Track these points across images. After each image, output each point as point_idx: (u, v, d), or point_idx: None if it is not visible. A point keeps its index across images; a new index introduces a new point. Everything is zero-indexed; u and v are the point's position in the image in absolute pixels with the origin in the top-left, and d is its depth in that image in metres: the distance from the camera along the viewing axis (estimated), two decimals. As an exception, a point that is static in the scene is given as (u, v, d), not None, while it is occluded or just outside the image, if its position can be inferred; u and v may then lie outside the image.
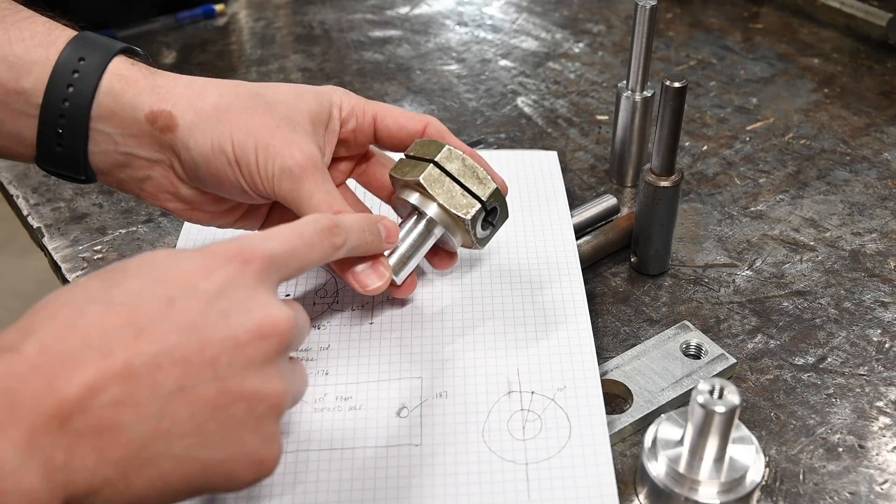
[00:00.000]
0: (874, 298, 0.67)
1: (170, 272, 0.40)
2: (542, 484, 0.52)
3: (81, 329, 0.37)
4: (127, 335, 0.37)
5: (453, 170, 0.56)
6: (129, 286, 0.39)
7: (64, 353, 0.37)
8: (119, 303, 0.38)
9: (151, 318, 0.38)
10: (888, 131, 0.88)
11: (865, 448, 0.56)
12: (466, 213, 0.56)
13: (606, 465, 0.52)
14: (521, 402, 0.56)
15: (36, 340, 0.37)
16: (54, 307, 0.39)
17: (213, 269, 0.41)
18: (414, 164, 0.57)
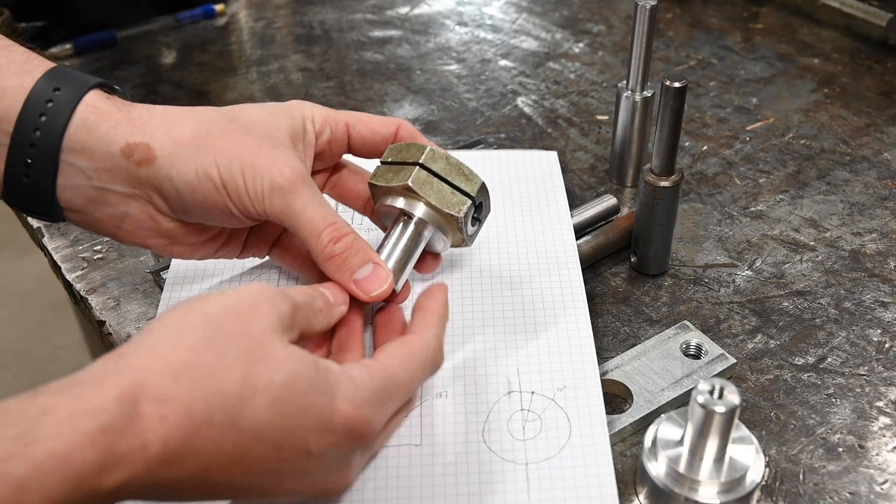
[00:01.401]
0: (874, 298, 0.67)
1: (301, 414, 0.43)
2: (542, 484, 0.52)
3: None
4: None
5: (439, 169, 0.55)
6: (255, 418, 0.41)
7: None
8: (241, 428, 0.41)
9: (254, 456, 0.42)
10: (888, 131, 0.88)
11: (865, 448, 0.56)
12: (459, 210, 0.56)
13: (606, 465, 0.52)
14: (521, 402, 0.56)
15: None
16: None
17: (329, 434, 0.44)
18: (397, 169, 0.56)
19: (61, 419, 0.36)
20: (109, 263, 0.72)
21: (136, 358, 0.40)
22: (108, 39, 1.06)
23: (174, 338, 0.41)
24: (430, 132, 0.89)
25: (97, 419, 0.37)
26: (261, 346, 0.43)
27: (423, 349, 0.49)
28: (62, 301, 1.86)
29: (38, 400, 0.37)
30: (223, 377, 0.41)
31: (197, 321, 0.42)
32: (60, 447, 0.36)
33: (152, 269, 0.69)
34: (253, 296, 0.45)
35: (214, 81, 0.99)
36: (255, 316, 0.44)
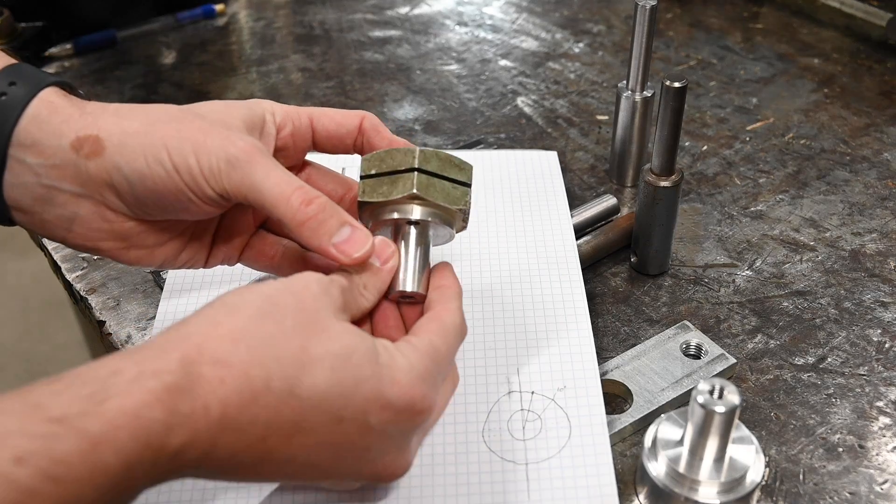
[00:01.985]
0: (874, 298, 0.67)
1: (359, 385, 0.43)
2: (543, 484, 0.52)
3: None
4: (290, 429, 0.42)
5: (435, 168, 0.54)
6: (313, 387, 0.42)
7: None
8: (299, 397, 0.42)
9: (316, 433, 0.43)
10: (888, 131, 0.88)
11: (865, 448, 0.56)
12: (465, 203, 0.55)
13: (606, 465, 0.52)
14: (521, 401, 0.56)
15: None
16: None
17: (389, 410, 0.44)
18: (390, 180, 0.54)
19: (129, 378, 0.38)
20: (109, 263, 0.72)
21: (196, 327, 0.41)
22: (108, 39, 1.06)
23: (233, 310, 0.42)
24: (430, 132, 0.89)
25: (162, 379, 0.38)
26: (316, 321, 0.44)
27: (452, 322, 0.50)
28: (62, 301, 1.86)
29: (107, 363, 0.39)
30: (281, 346, 0.42)
31: (254, 298, 0.43)
32: (129, 404, 0.37)
33: (152, 269, 0.69)
34: (304, 279, 0.46)
35: (214, 81, 0.99)
36: (309, 295, 0.45)
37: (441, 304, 0.51)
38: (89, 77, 1.00)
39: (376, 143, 0.56)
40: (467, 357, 0.59)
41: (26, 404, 0.36)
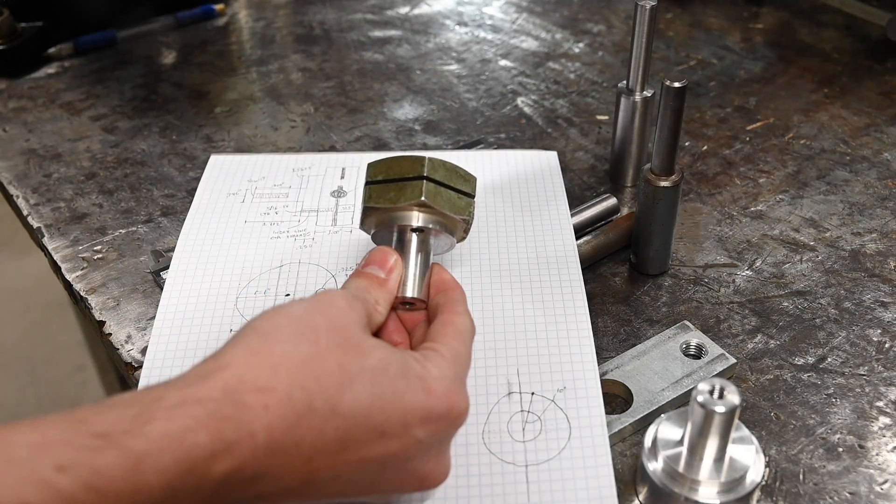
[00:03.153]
0: (874, 298, 0.67)
1: (394, 406, 0.43)
2: (542, 486, 0.52)
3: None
4: (336, 445, 0.42)
5: (442, 177, 0.55)
6: (355, 403, 0.42)
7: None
8: (342, 415, 0.42)
9: (358, 444, 0.43)
10: (888, 131, 0.88)
11: (865, 448, 0.56)
12: (469, 214, 0.56)
13: (606, 466, 0.52)
14: (520, 403, 0.56)
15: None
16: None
17: (431, 420, 0.45)
18: (397, 186, 0.55)
19: (173, 404, 0.38)
20: (109, 263, 0.72)
21: (234, 357, 0.41)
22: (108, 39, 1.06)
23: (266, 337, 0.43)
24: (430, 132, 0.89)
25: (206, 406, 0.38)
26: (349, 337, 0.44)
27: (465, 325, 0.51)
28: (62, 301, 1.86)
29: (149, 391, 0.39)
30: (319, 366, 0.42)
31: (286, 322, 0.44)
32: (173, 428, 0.37)
33: (152, 270, 0.69)
34: (329, 296, 0.47)
35: (214, 81, 0.99)
36: (337, 313, 0.45)
37: (449, 308, 0.52)
38: (89, 77, 1.00)
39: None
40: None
41: (71, 419, 0.37)
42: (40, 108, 0.94)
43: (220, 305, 0.63)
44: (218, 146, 0.87)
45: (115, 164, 0.84)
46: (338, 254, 0.68)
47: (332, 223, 0.71)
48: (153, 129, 0.90)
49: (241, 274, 0.66)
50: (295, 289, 0.65)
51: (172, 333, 0.61)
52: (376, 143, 0.87)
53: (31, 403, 1.93)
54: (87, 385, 1.94)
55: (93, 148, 0.87)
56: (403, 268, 0.54)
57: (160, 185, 0.81)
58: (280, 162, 0.80)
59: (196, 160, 0.84)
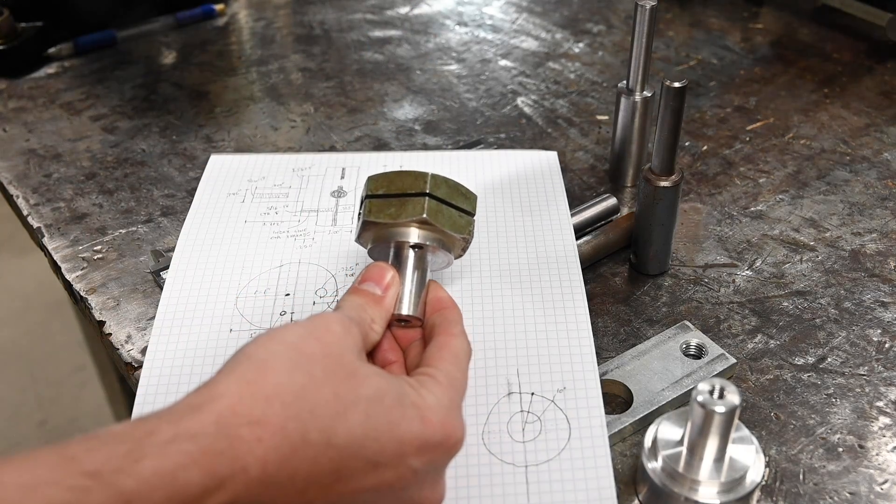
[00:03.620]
0: (874, 298, 0.67)
1: (389, 436, 0.43)
2: (542, 487, 0.51)
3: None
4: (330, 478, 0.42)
5: (443, 195, 0.55)
6: (349, 434, 0.42)
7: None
8: (336, 445, 0.41)
9: (352, 474, 0.42)
10: (888, 131, 0.88)
11: (865, 448, 0.56)
12: (469, 233, 0.56)
13: (605, 467, 0.52)
14: (520, 403, 0.56)
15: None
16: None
17: (426, 450, 0.44)
18: (398, 202, 0.54)
19: (165, 440, 0.38)
20: (109, 263, 0.72)
21: (227, 387, 0.41)
22: (108, 39, 1.06)
23: (261, 366, 0.42)
24: (430, 132, 0.89)
25: (199, 442, 0.38)
26: (344, 365, 0.44)
27: (461, 347, 0.51)
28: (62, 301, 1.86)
29: (143, 424, 0.38)
30: (314, 397, 0.41)
31: (279, 349, 0.43)
32: (165, 465, 0.37)
33: (152, 270, 0.69)
34: (325, 321, 0.46)
35: (214, 81, 0.99)
36: (333, 339, 0.45)
37: (445, 329, 0.52)
38: (89, 77, 1.00)
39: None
40: (467, 357, 0.59)
41: (62, 457, 0.36)
42: (40, 108, 0.94)
43: (220, 305, 0.63)
44: (218, 146, 0.87)
45: (115, 164, 0.84)
46: (338, 254, 0.68)
47: (332, 223, 0.71)
48: (153, 129, 0.90)
49: (241, 274, 0.66)
50: (295, 289, 0.65)
51: (172, 333, 0.61)
52: (376, 144, 0.87)
53: (31, 403, 1.93)
54: (87, 385, 1.94)
55: (93, 148, 0.87)
56: (400, 285, 0.54)
57: (160, 185, 0.81)
58: (280, 162, 0.80)
59: (196, 160, 0.84)
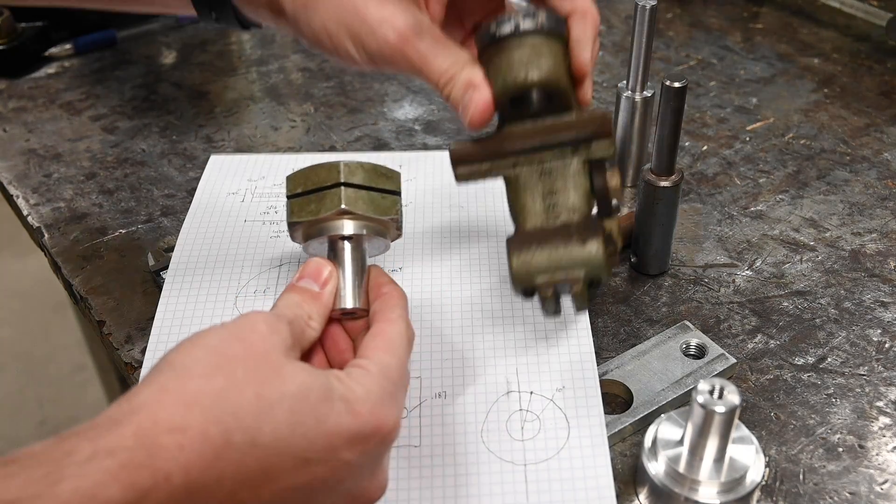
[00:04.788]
0: (874, 298, 0.67)
1: (320, 422, 0.42)
2: (541, 486, 0.52)
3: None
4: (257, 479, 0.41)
5: (361, 180, 0.53)
6: (275, 433, 0.41)
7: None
8: (262, 445, 0.41)
9: (281, 469, 0.42)
10: (888, 131, 0.88)
11: (865, 448, 0.56)
12: (396, 213, 0.54)
13: (605, 467, 0.52)
14: (519, 402, 0.56)
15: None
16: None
17: (358, 441, 0.43)
18: (316, 197, 0.53)
19: (84, 458, 0.37)
20: (109, 263, 0.72)
21: (147, 396, 0.40)
22: (108, 39, 1.06)
23: (181, 373, 0.41)
24: (430, 132, 0.89)
25: (117, 457, 0.37)
26: (267, 363, 0.43)
27: (398, 333, 0.49)
28: (62, 301, 1.86)
29: (62, 443, 0.38)
30: (236, 398, 0.41)
31: (200, 354, 0.42)
32: (84, 485, 0.36)
33: (152, 269, 0.69)
34: (251, 320, 0.45)
35: (214, 81, 0.99)
36: (257, 338, 0.44)
37: (382, 316, 0.50)
38: (89, 77, 1.00)
39: (558, 6, 0.53)
40: (466, 357, 0.59)
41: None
42: (40, 108, 0.94)
43: (219, 305, 0.63)
44: (218, 146, 0.87)
45: (115, 164, 0.84)
46: (338, 254, 0.68)
47: (331, 223, 0.71)
48: (153, 129, 0.90)
49: (241, 273, 0.66)
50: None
51: (172, 333, 0.61)
52: (376, 143, 0.87)
53: (31, 403, 1.93)
54: (87, 385, 1.94)
55: (93, 148, 0.87)
56: (339, 278, 0.52)
57: (160, 185, 0.81)
58: (280, 162, 0.80)
59: (196, 160, 0.84)
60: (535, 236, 0.52)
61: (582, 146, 0.52)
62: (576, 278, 0.51)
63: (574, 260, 0.51)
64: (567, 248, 0.51)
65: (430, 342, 0.60)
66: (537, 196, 0.53)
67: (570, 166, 0.53)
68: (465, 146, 0.54)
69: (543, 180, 0.53)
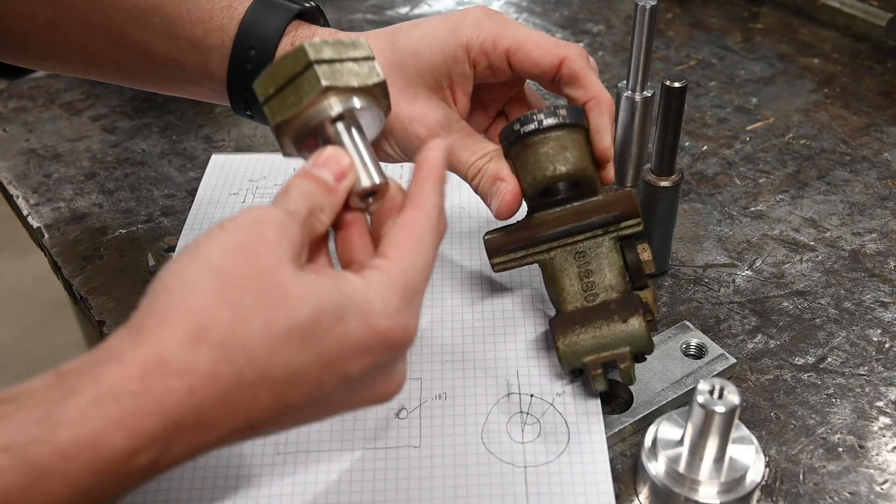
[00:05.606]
0: (874, 298, 0.67)
1: (333, 344, 0.40)
2: (541, 488, 0.51)
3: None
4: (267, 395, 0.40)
5: (331, 55, 0.48)
6: (287, 366, 0.39)
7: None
8: (274, 379, 0.39)
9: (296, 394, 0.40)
10: (888, 131, 0.88)
11: (865, 448, 0.56)
12: (378, 75, 0.50)
13: (604, 473, 0.52)
14: (520, 404, 0.56)
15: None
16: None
17: (372, 352, 0.41)
18: (293, 89, 0.48)
19: (86, 403, 0.35)
20: (109, 263, 0.72)
21: (150, 331, 0.38)
22: (108, 39, 1.05)
23: (182, 302, 0.38)
24: (430, 132, 0.88)
25: (123, 403, 0.35)
26: (276, 285, 0.39)
27: (426, 225, 0.45)
28: (62, 301, 1.86)
29: (62, 382, 0.36)
30: (244, 333, 0.38)
31: (201, 276, 0.39)
32: (85, 433, 0.35)
33: (152, 269, 0.69)
34: (258, 223, 0.41)
35: (214, 81, 0.99)
36: (264, 248, 0.40)
37: (414, 201, 0.46)
38: (89, 77, 1.00)
39: (574, 96, 0.56)
40: (468, 358, 0.59)
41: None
42: (40, 108, 0.94)
43: (220, 305, 0.63)
44: (218, 146, 0.87)
45: (115, 164, 0.84)
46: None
47: (332, 223, 0.71)
48: (153, 129, 0.90)
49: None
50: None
51: (172, 333, 0.61)
52: (376, 143, 0.87)
53: (31, 403, 1.93)
54: (87, 385, 1.94)
55: (93, 148, 0.87)
56: (359, 162, 0.47)
57: (160, 185, 0.81)
58: (281, 162, 0.80)
59: (196, 160, 0.84)
60: (577, 317, 0.54)
61: (612, 226, 0.56)
62: (622, 355, 0.53)
63: (618, 338, 0.53)
64: (610, 327, 0.53)
65: (432, 343, 0.60)
66: (574, 278, 0.56)
67: (601, 246, 0.56)
68: (499, 237, 0.57)
69: (578, 262, 0.56)
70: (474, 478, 0.52)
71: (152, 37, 0.58)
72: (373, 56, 0.50)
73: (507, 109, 0.62)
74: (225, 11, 0.57)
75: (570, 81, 0.55)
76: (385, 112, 0.52)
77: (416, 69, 0.56)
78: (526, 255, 0.57)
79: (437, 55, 0.56)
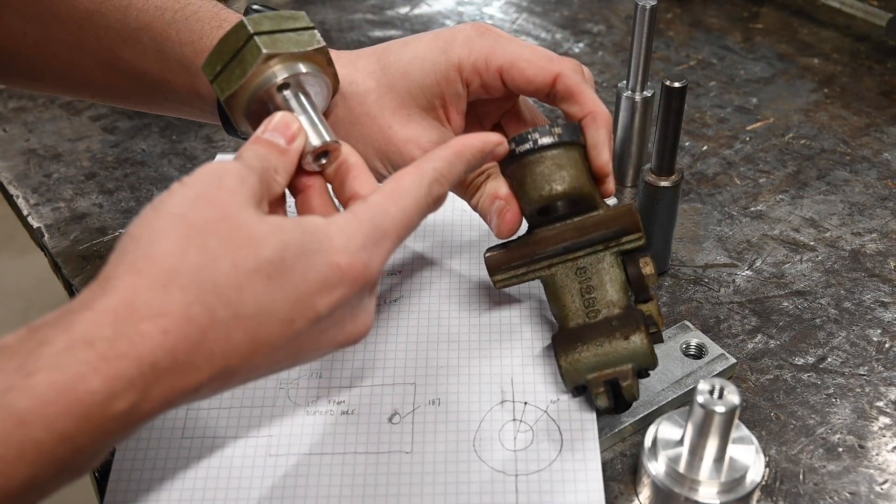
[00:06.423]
0: (874, 298, 0.67)
1: (299, 281, 0.41)
2: (532, 497, 0.51)
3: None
4: (242, 344, 0.40)
5: (271, 27, 0.50)
6: (256, 301, 0.40)
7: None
8: (245, 316, 0.40)
9: (269, 334, 0.41)
10: (888, 131, 0.88)
11: (865, 448, 0.56)
12: (318, 42, 0.51)
13: (596, 482, 0.52)
14: (513, 412, 0.56)
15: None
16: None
17: (334, 288, 0.42)
18: (236, 62, 0.49)
19: (59, 349, 0.36)
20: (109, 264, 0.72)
21: (119, 280, 0.38)
22: (108, 39, 1.05)
23: (150, 250, 0.39)
24: (430, 132, 0.88)
25: (96, 348, 0.36)
26: (239, 227, 0.41)
27: (416, 183, 0.46)
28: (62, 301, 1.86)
29: (35, 334, 0.37)
30: (213, 272, 0.39)
31: (166, 225, 0.40)
32: (61, 378, 0.35)
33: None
34: (217, 174, 0.42)
35: (214, 81, 0.99)
36: (225, 195, 0.41)
37: (419, 163, 0.47)
38: (89, 77, 1.00)
39: (570, 112, 0.55)
40: (462, 364, 0.59)
41: None
42: (40, 108, 0.94)
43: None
44: (218, 146, 0.87)
45: (115, 164, 0.84)
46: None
47: (331, 223, 0.71)
48: (153, 129, 0.90)
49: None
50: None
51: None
52: (376, 143, 0.87)
53: (31, 403, 1.93)
54: (87, 385, 1.94)
55: (93, 148, 0.87)
56: (308, 125, 0.49)
57: (160, 185, 0.81)
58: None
59: (196, 160, 0.84)
60: (579, 334, 0.54)
61: (612, 241, 0.55)
62: (625, 372, 0.53)
63: (620, 355, 0.53)
64: (612, 344, 0.53)
65: (426, 348, 0.60)
66: (575, 294, 0.55)
67: (603, 261, 0.55)
68: (500, 254, 0.57)
69: (579, 278, 0.56)
70: (465, 485, 0.52)
71: (142, 57, 0.57)
72: (313, 26, 0.52)
73: (504, 122, 0.61)
74: (214, 32, 0.55)
75: (565, 97, 0.55)
76: (332, 80, 0.53)
77: (408, 91, 0.55)
78: (527, 272, 0.57)
79: (429, 76, 0.55)
